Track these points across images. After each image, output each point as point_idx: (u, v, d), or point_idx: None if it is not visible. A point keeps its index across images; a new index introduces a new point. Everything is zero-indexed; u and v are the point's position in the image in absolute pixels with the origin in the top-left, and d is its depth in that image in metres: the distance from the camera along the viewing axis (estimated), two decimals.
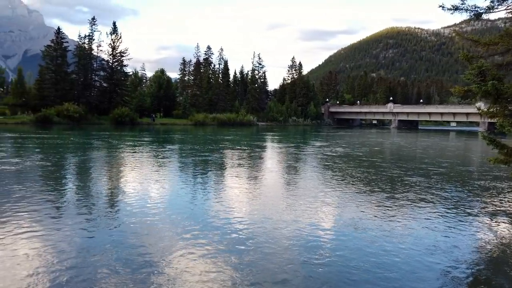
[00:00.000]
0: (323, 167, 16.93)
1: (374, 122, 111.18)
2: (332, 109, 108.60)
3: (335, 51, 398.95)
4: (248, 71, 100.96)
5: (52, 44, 65.67)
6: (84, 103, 63.51)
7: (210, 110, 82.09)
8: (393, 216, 8.65)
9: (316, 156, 21.20)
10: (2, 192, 9.80)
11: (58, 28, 67.29)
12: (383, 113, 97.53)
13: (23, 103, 65.06)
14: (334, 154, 22.31)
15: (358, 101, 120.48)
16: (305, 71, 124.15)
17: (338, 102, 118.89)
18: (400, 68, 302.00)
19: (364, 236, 7.19)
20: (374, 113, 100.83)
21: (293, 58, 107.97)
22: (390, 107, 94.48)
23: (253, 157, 20.28)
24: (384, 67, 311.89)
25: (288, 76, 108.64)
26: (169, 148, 25.10)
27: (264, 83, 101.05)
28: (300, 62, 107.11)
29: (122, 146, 24.82)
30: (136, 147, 24.08)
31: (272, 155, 22.85)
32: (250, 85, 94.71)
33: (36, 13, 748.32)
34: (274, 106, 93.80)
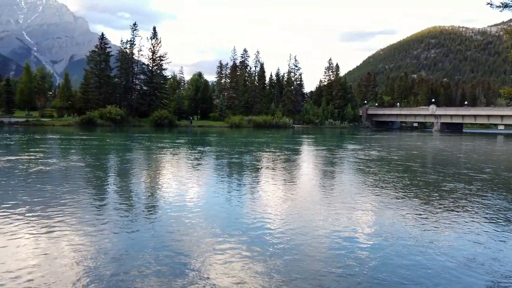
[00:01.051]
0: (358, 171, 16.35)
1: (415, 124, 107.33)
2: (371, 111, 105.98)
3: (374, 52, 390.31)
4: (284, 73, 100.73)
5: (96, 50, 68.50)
6: (125, 106, 65.71)
7: (246, 112, 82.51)
8: (428, 225, 8.08)
9: (351, 160, 20.57)
10: (48, 190, 10.13)
11: (102, 34, 70.13)
12: (425, 115, 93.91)
13: (69, 106, 68.31)
14: (370, 158, 21.57)
15: (398, 103, 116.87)
16: (342, 72, 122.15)
17: (376, 104, 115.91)
18: (443, 69, 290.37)
19: (397, 245, 6.73)
20: (415, 115, 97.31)
21: (330, 59, 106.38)
22: (432, 109, 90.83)
23: (287, 160, 19.98)
24: (425, 68, 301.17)
25: (325, 78, 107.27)
26: (206, 149, 25.31)
27: (300, 85, 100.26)
28: (337, 64, 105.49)
29: (161, 147, 25.30)
30: (174, 149, 24.45)
31: (307, 158, 22.43)
32: (286, 87, 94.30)
33: (81, 20, 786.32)
34: (310, 108, 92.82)
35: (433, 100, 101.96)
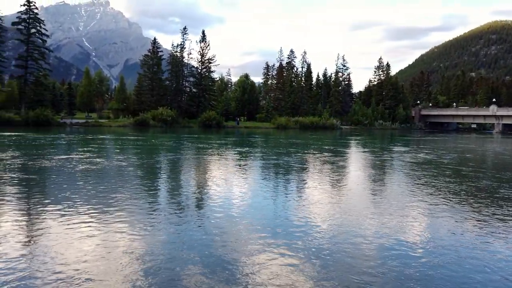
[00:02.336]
0: (408, 174, 15.72)
1: (473, 126, 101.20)
2: (424, 112, 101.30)
3: (427, 49, 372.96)
4: (331, 73, 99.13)
5: (149, 54, 71.60)
6: (176, 108, 68.04)
7: (292, 113, 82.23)
8: (477, 235, 7.57)
9: (402, 163, 19.84)
10: (102, 187, 10.78)
11: (154, 39, 73.16)
12: (484, 116, 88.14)
13: (124, 108, 71.96)
14: (422, 161, 20.65)
15: (454, 103, 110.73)
16: (393, 71, 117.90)
17: (430, 104, 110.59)
18: (505, 67, 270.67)
19: (444, 255, 6.39)
20: (473, 116, 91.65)
21: (380, 58, 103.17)
22: (493, 109, 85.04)
23: (335, 162, 19.68)
24: (485, 66, 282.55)
25: (375, 78, 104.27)
26: (252, 150, 25.58)
27: (348, 86, 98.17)
28: (387, 63, 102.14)
29: (209, 148, 25.96)
30: (222, 149, 24.99)
31: (355, 160, 21.94)
32: (334, 88, 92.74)
33: (135, 25, 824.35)
34: (359, 109, 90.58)
35: (494, 100, 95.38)
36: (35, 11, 59.97)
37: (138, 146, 27.00)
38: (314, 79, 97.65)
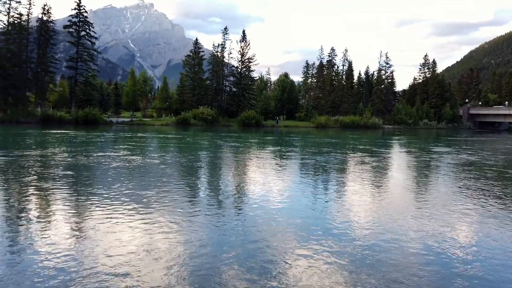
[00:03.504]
0: (456, 177, 14.89)
1: None
2: (473, 111, 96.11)
3: (477, 45, 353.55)
4: (374, 71, 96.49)
5: (191, 54, 73.16)
6: (216, 107, 69.08)
7: (332, 112, 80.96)
8: None
9: (448, 164, 18.86)
10: (143, 183, 11.10)
11: (196, 39, 74.62)
12: None
13: (167, 107, 74.11)
14: (470, 162, 19.54)
15: (506, 102, 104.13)
16: (439, 69, 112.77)
17: (480, 103, 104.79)
18: None
19: (488, 262, 5.94)
20: None
21: (426, 55, 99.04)
22: None
23: (375, 162, 19.08)
24: None
25: (420, 75, 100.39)
26: (291, 149, 25.41)
27: (392, 84, 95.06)
28: (434, 60, 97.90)
29: (248, 146, 26.10)
30: (261, 148, 25.02)
31: (398, 161, 21.16)
32: (376, 86, 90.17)
33: (178, 27, 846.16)
34: (403, 108, 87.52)
35: None
36: (85, 14, 63.09)
37: (179, 144, 27.65)
38: (355, 78, 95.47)
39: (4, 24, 54.09)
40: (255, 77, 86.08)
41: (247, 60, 74.66)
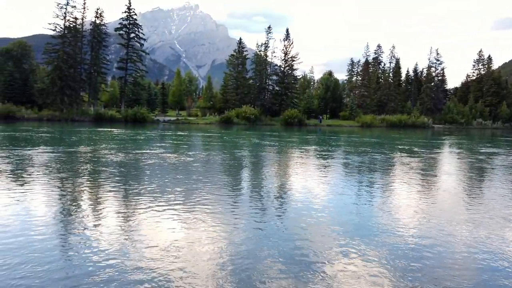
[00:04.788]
0: (510, 180, 13.78)
1: None
2: None
3: None
4: (423, 68, 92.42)
5: (234, 54, 73.99)
6: (259, 106, 69.38)
7: (378, 111, 78.61)
8: None
9: (504, 167, 17.52)
10: (187, 180, 11.25)
11: (240, 39, 75.34)
12: None
13: (211, 106, 75.56)
14: None
15: None
16: (495, 65, 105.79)
17: None
18: None
19: None
20: None
21: (481, 50, 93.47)
22: None
23: (424, 164, 18.13)
24: None
25: (473, 72, 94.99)
26: (335, 149, 24.87)
27: (442, 81, 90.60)
28: (489, 56, 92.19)
29: (290, 145, 25.87)
30: (304, 147, 24.71)
31: (449, 163, 19.99)
32: (425, 84, 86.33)
33: (222, 27, 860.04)
34: (454, 107, 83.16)
35: None
36: (134, 17, 65.68)
37: (221, 142, 27.99)
38: (403, 75, 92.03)
39: (61, 28, 57.53)
40: (299, 76, 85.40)
41: (290, 59, 74.25)
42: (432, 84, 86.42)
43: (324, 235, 6.85)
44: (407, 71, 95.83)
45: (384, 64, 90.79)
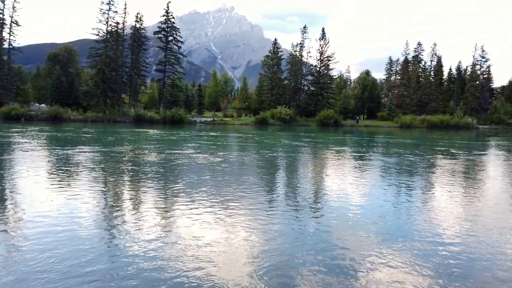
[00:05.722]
0: None
1: None
2: None
3: None
4: (467, 66, 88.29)
5: (270, 54, 74.05)
6: (294, 106, 69.08)
7: (418, 111, 75.94)
8: None
9: None
10: (223, 180, 11.35)
11: (275, 40, 75.28)
12: None
13: (246, 107, 76.09)
14: None
15: None
16: None
17: None
18: None
19: None
20: None
21: None
22: None
23: (469, 167, 17.26)
24: None
25: None
26: (371, 150, 24.27)
27: (488, 80, 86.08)
28: None
29: (326, 146, 25.55)
30: (339, 148, 24.31)
31: (496, 166, 18.93)
32: (469, 83, 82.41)
33: (257, 28, 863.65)
34: (501, 107, 78.77)
35: None
36: (172, 20, 67.32)
37: (257, 143, 28.09)
38: (445, 74, 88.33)
39: (104, 32, 60.00)
40: (334, 76, 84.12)
41: (326, 59, 73.32)
42: (477, 82, 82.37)
43: (360, 240, 6.68)
44: (450, 69, 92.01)
45: (425, 62, 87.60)
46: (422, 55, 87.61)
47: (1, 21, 58.76)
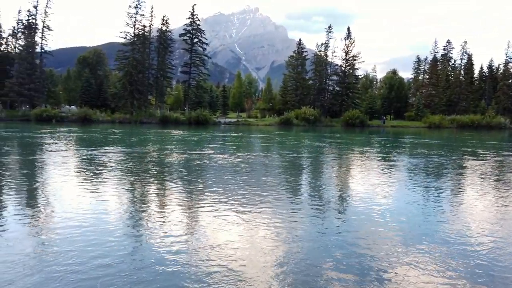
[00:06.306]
0: None
1: None
2: None
3: None
4: (499, 64, 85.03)
5: (294, 55, 73.75)
6: (318, 107, 68.46)
7: (448, 111, 73.74)
8: None
9: None
10: (247, 180, 11.36)
11: (299, 40, 74.91)
12: None
13: (270, 108, 76.01)
14: None
15: None
16: None
17: None
18: None
19: None
20: None
21: None
22: None
23: (497, 168, 16.56)
24: None
25: None
26: (398, 151, 23.71)
27: None
28: None
29: (352, 147, 25.17)
30: (365, 149, 23.90)
31: None
32: (502, 81, 79.32)
33: (281, 28, 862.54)
34: None
35: None
36: (197, 22, 68.14)
37: (281, 144, 28.01)
38: (476, 72, 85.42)
39: (131, 35, 61.43)
40: (360, 75, 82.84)
41: (351, 58, 72.34)
42: (510, 81, 79.19)
43: (385, 242, 6.53)
44: (481, 67, 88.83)
45: (455, 61, 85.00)
46: (451, 54, 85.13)
47: (33, 26, 61.14)
